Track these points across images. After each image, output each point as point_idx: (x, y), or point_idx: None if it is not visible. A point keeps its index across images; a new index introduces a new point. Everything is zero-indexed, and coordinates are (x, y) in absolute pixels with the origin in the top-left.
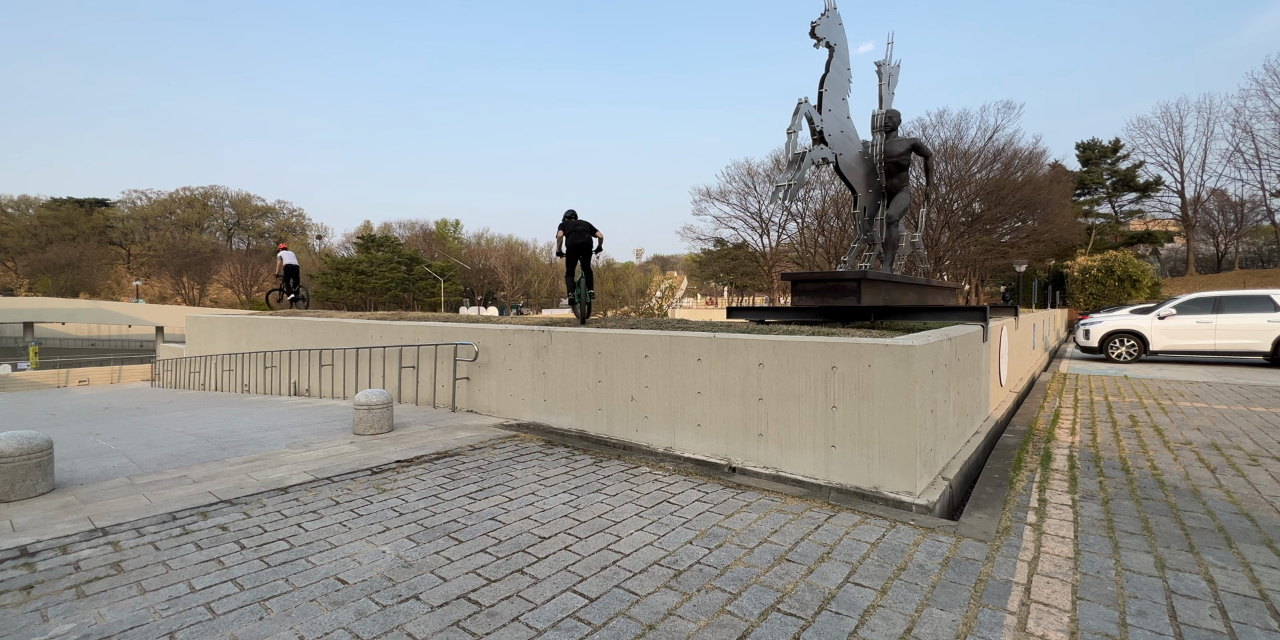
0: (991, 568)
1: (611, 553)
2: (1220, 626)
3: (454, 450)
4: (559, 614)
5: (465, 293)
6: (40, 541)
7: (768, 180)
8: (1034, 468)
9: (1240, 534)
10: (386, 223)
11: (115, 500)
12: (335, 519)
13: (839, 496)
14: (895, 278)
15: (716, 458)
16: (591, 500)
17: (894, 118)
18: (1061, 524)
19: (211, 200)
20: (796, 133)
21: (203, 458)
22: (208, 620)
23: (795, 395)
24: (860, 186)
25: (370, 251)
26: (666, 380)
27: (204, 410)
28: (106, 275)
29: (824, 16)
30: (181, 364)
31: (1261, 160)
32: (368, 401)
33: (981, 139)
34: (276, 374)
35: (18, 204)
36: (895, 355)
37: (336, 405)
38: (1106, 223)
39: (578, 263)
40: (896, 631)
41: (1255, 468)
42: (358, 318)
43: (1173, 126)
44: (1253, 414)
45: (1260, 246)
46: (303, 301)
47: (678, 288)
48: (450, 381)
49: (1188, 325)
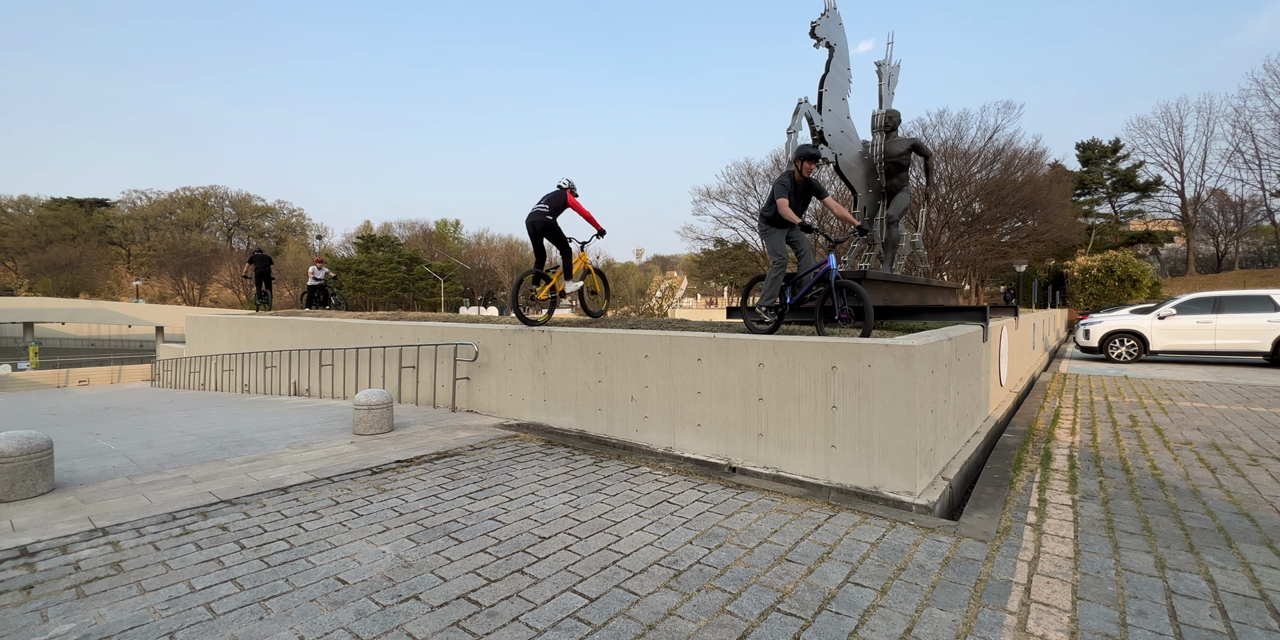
0: (991, 568)
1: (611, 553)
2: (1220, 626)
3: (454, 450)
4: (559, 614)
5: (465, 293)
6: (40, 541)
7: (768, 180)
8: (1034, 468)
9: (1240, 534)
10: (386, 222)
11: (115, 500)
12: (335, 519)
13: (839, 496)
14: (895, 278)
15: (716, 458)
16: (591, 500)
17: (894, 118)
18: (1061, 524)
19: (211, 200)
20: (797, 133)
21: (203, 458)
22: (208, 620)
23: (795, 395)
24: (860, 186)
25: (370, 251)
26: (666, 380)
27: (204, 410)
28: (106, 275)
29: (824, 16)
30: (181, 364)
31: (1261, 160)
32: (368, 401)
33: (981, 139)
34: (276, 374)
35: (18, 204)
36: (895, 355)
37: (336, 405)
38: (1106, 223)
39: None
40: (896, 631)
41: (1255, 468)
42: (358, 318)
43: (1173, 126)
44: (1253, 414)
45: (1260, 246)
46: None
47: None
48: (450, 381)
49: (1188, 325)
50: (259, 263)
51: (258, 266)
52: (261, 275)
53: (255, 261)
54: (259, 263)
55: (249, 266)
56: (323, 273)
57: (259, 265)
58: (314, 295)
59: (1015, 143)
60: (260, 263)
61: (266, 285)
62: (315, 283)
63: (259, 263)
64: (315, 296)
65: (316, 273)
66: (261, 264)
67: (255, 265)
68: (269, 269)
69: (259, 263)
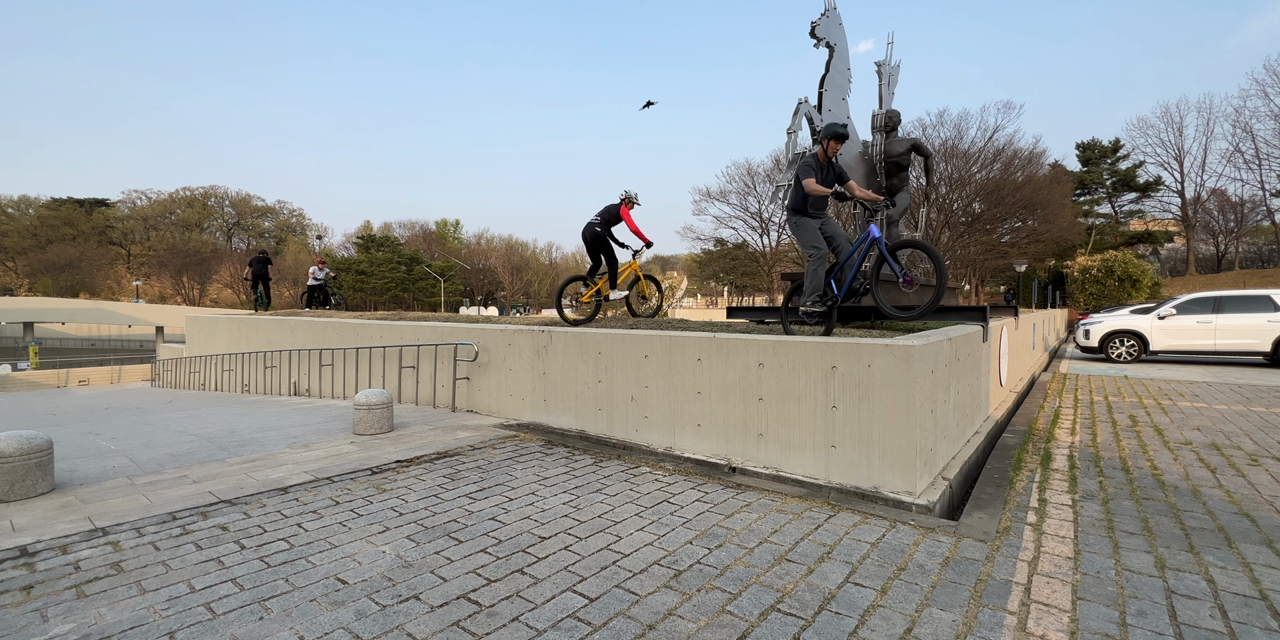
0: (991, 568)
1: (611, 553)
2: (1220, 626)
3: (454, 450)
4: (559, 614)
5: (465, 293)
6: (40, 541)
7: (768, 180)
8: (1034, 468)
9: (1240, 534)
10: (386, 222)
11: (115, 500)
12: (335, 519)
13: (839, 496)
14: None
15: (716, 458)
16: (591, 500)
17: (894, 118)
18: (1061, 524)
19: (211, 200)
20: (796, 133)
21: (203, 458)
22: (208, 620)
23: (795, 395)
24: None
25: (370, 251)
26: (666, 380)
27: (204, 410)
28: (106, 275)
29: (824, 16)
30: (181, 364)
31: (1261, 160)
32: (368, 401)
33: (981, 139)
34: (276, 374)
35: (18, 204)
36: (895, 355)
37: (336, 405)
38: (1106, 223)
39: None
40: (896, 631)
41: (1255, 468)
42: (358, 318)
43: (1173, 126)
44: (1253, 414)
45: (1260, 246)
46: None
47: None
48: (450, 381)
49: (1188, 325)
50: (255, 266)
51: (254, 269)
52: (258, 277)
53: (253, 264)
54: (255, 266)
55: (247, 269)
56: (323, 273)
57: (255, 267)
58: (314, 295)
59: (1015, 143)
60: (257, 266)
61: (264, 287)
62: (315, 283)
63: (255, 266)
64: (315, 296)
65: (317, 273)
66: (258, 266)
67: (253, 267)
68: (265, 270)
69: (255, 266)
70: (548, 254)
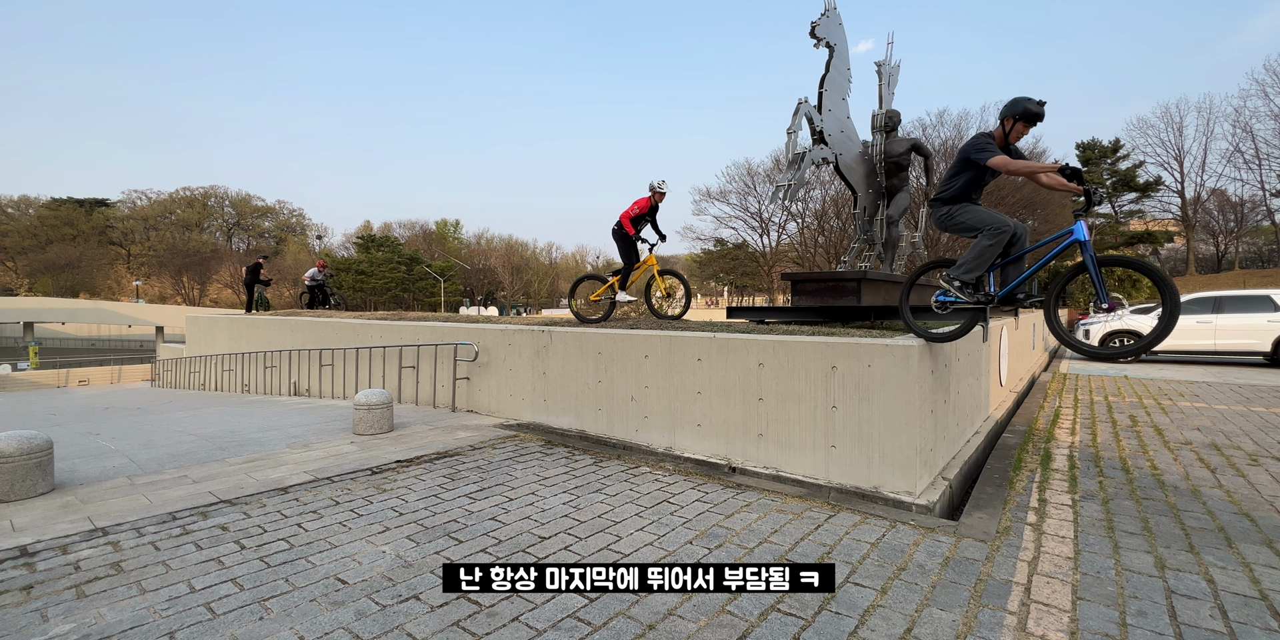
0: (991, 568)
1: (611, 552)
2: (1220, 626)
3: (454, 450)
4: (559, 614)
5: (465, 293)
6: (40, 541)
7: (768, 180)
8: (1034, 468)
9: (1240, 534)
10: (386, 222)
11: (115, 500)
12: (335, 519)
13: (839, 496)
14: (895, 278)
15: (716, 458)
16: (591, 500)
17: (894, 118)
18: (1061, 524)
19: (211, 200)
20: (796, 133)
21: (203, 458)
22: (208, 620)
23: (795, 395)
24: (860, 186)
25: (370, 251)
26: (666, 380)
27: (204, 410)
28: (106, 275)
29: (824, 16)
30: (181, 364)
31: (1261, 160)
32: (368, 401)
33: None
34: (276, 374)
35: (18, 204)
36: (895, 355)
37: (336, 405)
38: (1106, 223)
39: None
40: (896, 631)
41: (1255, 468)
42: (358, 318)
43: (1173, 126)
44: (1253, 414)
45: (1260, 246)
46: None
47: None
48: (450, 381)
49: (1188, 325)
50: (247, 274)
51: (245, 278)
52: (250, 284)
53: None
54: (247, 274)
55: (245, 272)
56: (322, 275)
57: (246, 277)
58: (314, 295)
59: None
60: (248, 275)
61: (260, 292)
62: (313, 283)
63: (247, 274)
64: (315, 296)
65: (316, 275)
66: (248, 275)
67: (245, 275)
68: (255, 277)
69: (247, 274)
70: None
